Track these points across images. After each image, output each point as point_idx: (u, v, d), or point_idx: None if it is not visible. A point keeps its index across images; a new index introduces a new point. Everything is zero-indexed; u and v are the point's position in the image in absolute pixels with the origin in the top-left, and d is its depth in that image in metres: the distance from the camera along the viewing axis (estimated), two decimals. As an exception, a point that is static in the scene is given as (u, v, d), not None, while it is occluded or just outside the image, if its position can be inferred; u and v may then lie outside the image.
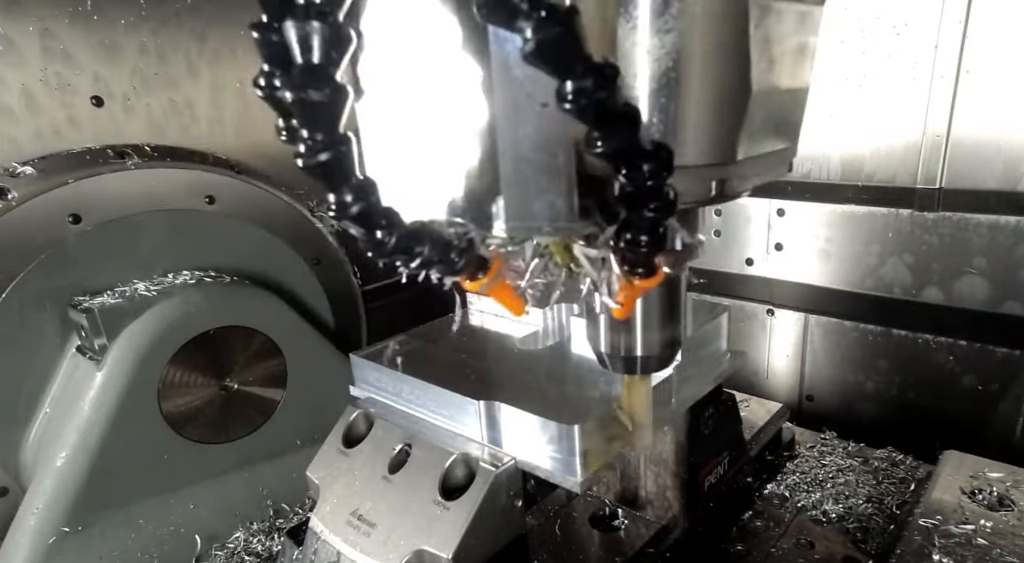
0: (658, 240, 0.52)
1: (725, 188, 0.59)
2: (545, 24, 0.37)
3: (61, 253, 1.17)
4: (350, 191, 0.45)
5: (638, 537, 1.04)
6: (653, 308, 0.69)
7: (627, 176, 0.46)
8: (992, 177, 1.26)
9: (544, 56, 0.39)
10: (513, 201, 0.53)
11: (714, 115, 0.55)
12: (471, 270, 0.56)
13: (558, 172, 0.50)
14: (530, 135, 0.50)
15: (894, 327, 1.46)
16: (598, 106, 0.41)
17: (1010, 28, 1.18)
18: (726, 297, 1.67)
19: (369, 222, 0.46)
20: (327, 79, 0.41)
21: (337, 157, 0.43)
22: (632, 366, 0.73)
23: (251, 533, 1.29)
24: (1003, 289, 1.30)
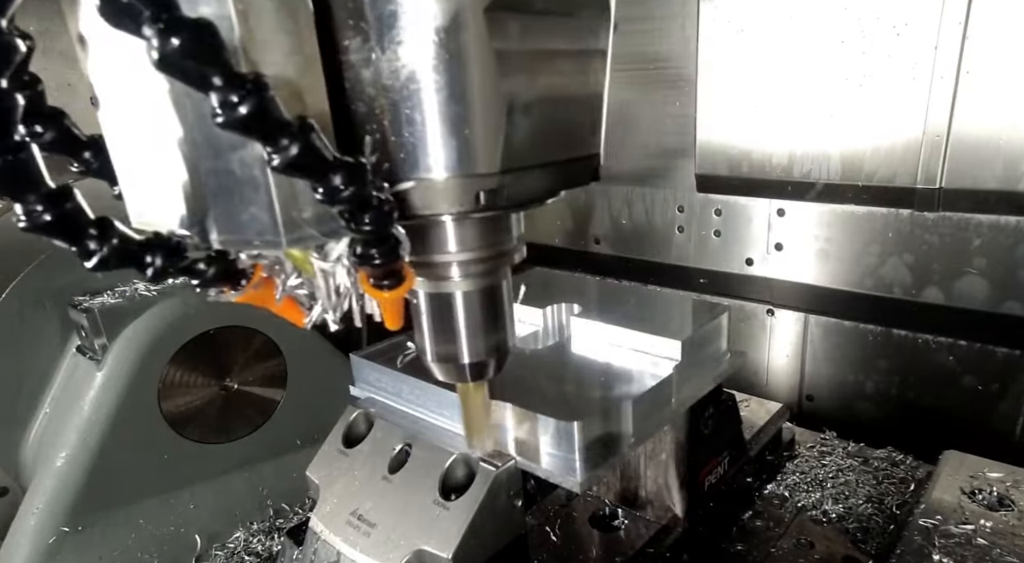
0: (389, 251, 0.52)
1: (497, 198, 0.58)
2: (169, 32, 0.36)
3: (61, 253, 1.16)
4: (39, 200, 0.43)
5: (638, 537, 1.04)
6: (475, 314, 0.68)
7: (319, 191, 0.45)
8: (992, 177, 1.26)
9: (171, 67, 0.37)
10: (221, 214, 0.51)
11: (465, 126, 0.54)
12: (228, 280, 0.55)
13: (256, 185, 0.48)
14: (224, 147, 0.48)
15: (894, 327, 1.45)
16: (253, 118, 0.39)
17: (1010, 28, 1.18)
18: (726, 297, 1.67)
19: (69, 232, 0.45)
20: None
21: (7, 165, 0.41)
22: (461, 373, 0.72)
23: (251, 533, 1.29)
24: (1003, 289, 1.30)
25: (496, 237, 0.66)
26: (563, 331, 1.17)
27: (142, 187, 0.57)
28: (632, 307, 1.17)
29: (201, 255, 0.52)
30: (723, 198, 1.62)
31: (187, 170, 0.51)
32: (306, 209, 0.50)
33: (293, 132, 0.42)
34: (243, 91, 0.39)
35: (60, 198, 0.43)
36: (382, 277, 0.56)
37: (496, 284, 0.69)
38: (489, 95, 0.54)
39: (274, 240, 0.50)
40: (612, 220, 1.86)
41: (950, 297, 1.37)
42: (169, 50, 0.36)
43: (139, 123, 0.54)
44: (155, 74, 0.45)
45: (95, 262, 0.46)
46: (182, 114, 0.48)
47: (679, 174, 1.68)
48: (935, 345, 1.41)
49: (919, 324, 1.42)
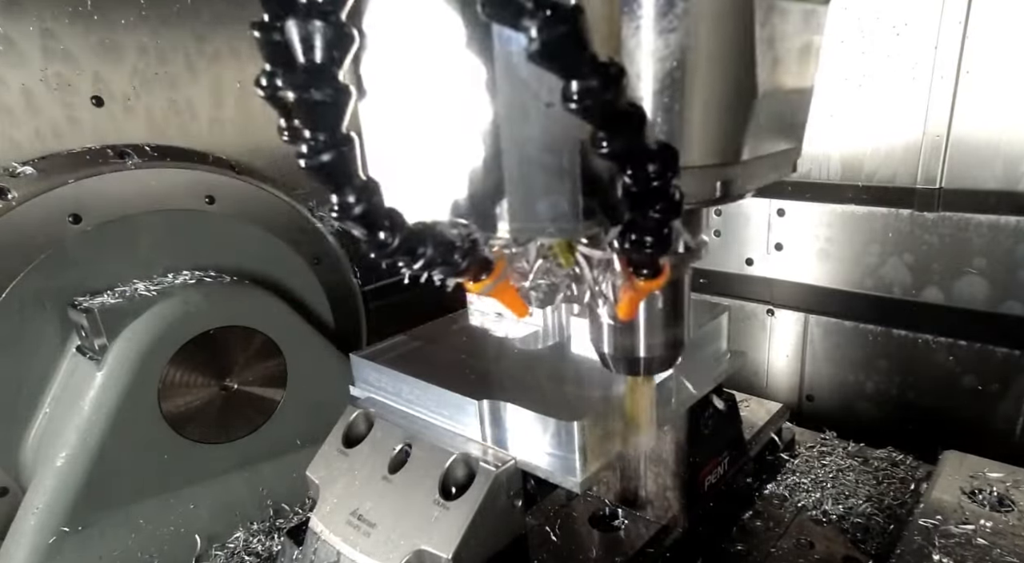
0: (663, 241, 0.51)
1: (730, 189, 0.58)
2: (550, 23, 0.37)
3: (61, 253, 1.16)
4: (353, 192, 0.44)
5: (638, 537, 1.03)
6: (656, 309, 0.69)
7: (632, 177, 0.45)
8: (992, 177, 1.26)
9: (549, 56, 0.38)
10: (517, 202, 0.52)
11: (718, 115, 0.54)
12: (474, 271, 0.55)
13: (562, 173, 0.50)
14: (534, 135, 0.49)
15: (894, 327, 1.46)
16: (603, 106, 0.40)
17: (1010, 28, 1.18)
18: (726, 297, 1.67)
19: (372, 223, 0.46)
20: (329, 79, 0.41)
21: (339, 157, 0.42)
22: (635, 367, 0.72)
23: (251, 533, 1.29)
24: (1003, 289, 1.30)
25: (688, 230, 0.65)
26: (563, 331, 1.17)
27: (407, 179, 0.58)
28: (632, 307, 1.16)
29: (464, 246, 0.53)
30: (723, 198, 1.61)
31: (484, 160, 0.52)
32: (592, 199, 0.51)
33: (629, 121, 0.43)
34: (607, 79, 0.39)
35: (370, 191, 0.45)
36: (643, 266, 0.55)
37: (680, 278, 0.69)
38: (745, 84, 0.54)
39: (572, 226, 0.52)
40: (612, 220, 1.86)
41: (950, 297, 1.37)
42: (553, 38, 0.37)
43: (417, 115, 0.55)
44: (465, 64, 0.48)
45: (387, 252, 0.47)
46: (495, 105, 0.49)
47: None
48: (935, 345, 1.41)
49: (919, 324, 1.42)
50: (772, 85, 0.58)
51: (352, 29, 0.41)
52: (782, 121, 0.64)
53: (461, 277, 0.55)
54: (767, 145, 0.62)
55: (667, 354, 0.72)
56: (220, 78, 1.38)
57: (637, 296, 0.59)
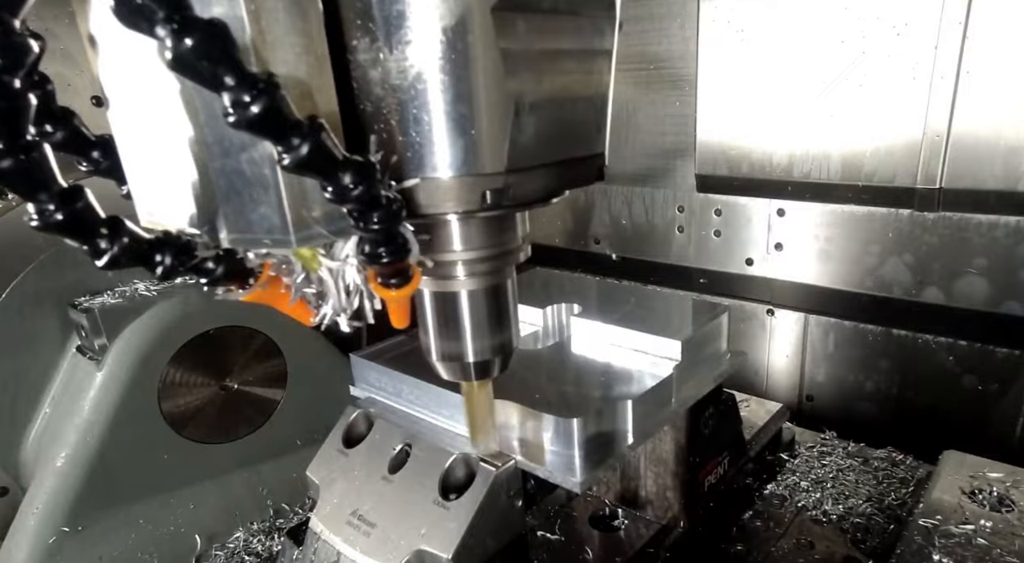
0: (397, 249, 0.52)
1: (503, 197, 0.58)
2: (183, 33, 0.36)
3: (61, 253, 1.17)
4: (50, 199, 0.43)
5: (638, 537, 1.03)
6: (480, 313, 0.69)
7: (330, 190, 0.45)
8: (992, 177, 1.26)
9: (185, 67, 0.38)
10: (231, 213, 0.51)
11: (471, 126, 0.54)
12: (238, 279, 0.55)
13: (266, 184, 0.49)
14: (234, 146, 0.48)
15: (894, 327, 1.45)
16: (265, 117, 0.40)
17: (1010, 28, 1.18)
18: (726, 297, 1.67)
19: (80, 230, 0.45)
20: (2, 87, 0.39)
21: (20, 164, 0.41)
22: (466, 372, 0.72)
23: (251, 533, 1.29)
24: (1003, 289, 1.30)
25: (501, 236, 0.66)
26: (563, 331, 1.17)
27: (151, 186, 0.57)
28: (632, 307, 1.17)
29: (210, 254, 0.53)
30: (723, 198, 1.62)
31: (197, 169, 0.51)
32: (315, 208, 0.50)
33: (304, 131, 0.42)
34: (255, 91, 0.39)
35: (72, 197, 0.44)
36: (390, 276, 0.56)
37: (501, 283, 0.69)
38: (496, 95, 0.54)
39: (284, 239, 0.51)
40: (612, 220, 1.86)
41: (950, 297, 1.37)
42: (183, 50, 0.37)
43: (149, 123, 0.54)
44: (166, 74, 0.45)
45: (106, 261, 0.46)
46: (192, 114, 0.49)
47: (679, 174, 1.68)
48: (935, 345, 1.41)
49: (919, 324, 1.42)
50: (538, 96, 0.58)
51: (26, 39, 0.39)
52: (565, 130, 0.63)
53: (221, 285, 0.55)
54: (547, 153, 0.61)
55: (496, 358, 0.72)
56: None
57: (400, 303, 0.60)
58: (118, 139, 0.58)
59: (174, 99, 0.49)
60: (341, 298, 0.59)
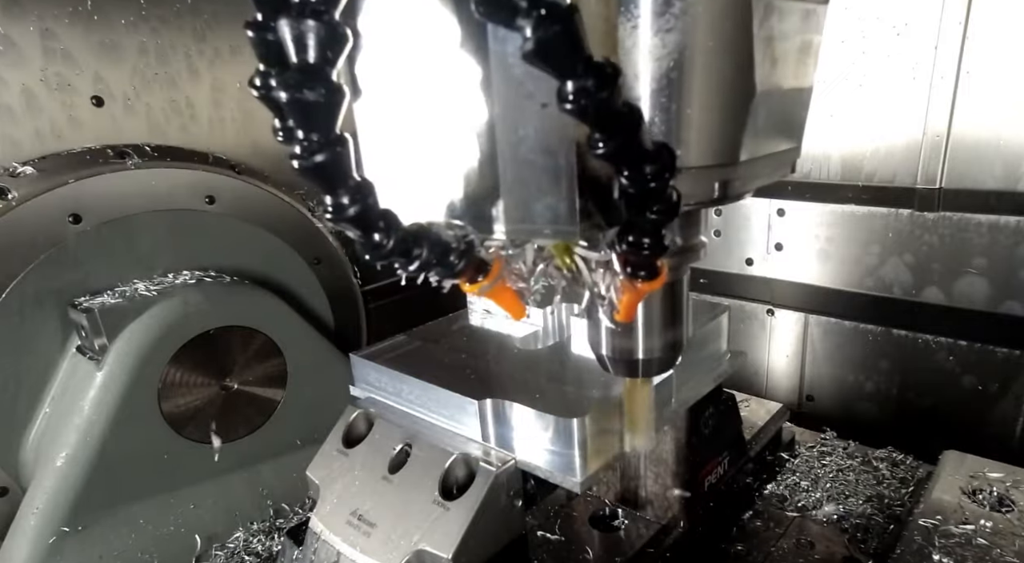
0: (660, 242, 0.51)
1: (728, 189, 0.58)
2: (545, 22, 0.37)
3: (61, 253, 1.17)
4: (347, 193, 0.44)
5: (638, 537, 1.04)
6: (655, 310, 0.68)
7: (629, 178, 0.45)
8: (992, 177, 1.26)
9: (544, 55, 0.38)
10: (513, 203, 0.52)
11: (716, 116, 0.54)
12: (470, 273, 0.55)
13: (559, 174, 0.49)
14: (530, 136, 0.49)
15: (894, 327, 1.45)
16: (599, 107, 0.40)
17: (1010, 28, 1.18)
18: (726, 297, 1.67)
19: (366, 224, 0.46)
20: (322, 79, 0.40)
21: (333, 158, 0.42)
22: (633, 369, 0.72)
23: (251, 533, 1.29)
24: (1003, 289, 1.30)
25: (688, 231, 0.65)
26: (563, 331, 1.17)
27: (402, 179, 0.57)
28: (632, 307, 1.16)
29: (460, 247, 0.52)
30: (723, 198, 1.61)
31: (480, 160, 0.51)
32: (592, 199, 0.51)
33: (624, 121, 0.42)
34: (602, 79, 0.39)
35: (364, 192, 0.44)
36: (641, 268, 0.55)
37: (679, 280, 0.69)
38: (743, 84, 0.54)
39: (569, 229, 0.51)
40: (612, 220, 1.86)
41: (950, 297, 1.37)
42: (546, 38, 0.37)
43: (411, 116, 0.54)
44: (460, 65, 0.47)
45: (382, 254, 0.46)
46: (489, 104, 0.49)
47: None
48: (935, 345, 1.41)
49: (919, 324, 1.42)
50: (770, 85, 0.58)
51: (345, 29, 0.40)
52: (781, 121, 0.63)
53: (457, 278, 0.55)
54: (766, 145, 0.61)
55: (666, 356, 0.71)
56: (220, 78, 1.38)
57: (635, 298, 0.59)
58: (364, 132, 0.58)
59: (466, 90, 0.49)
60: (601, 288, 0.58)
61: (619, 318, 0.61)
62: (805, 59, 0.64)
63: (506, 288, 0.60)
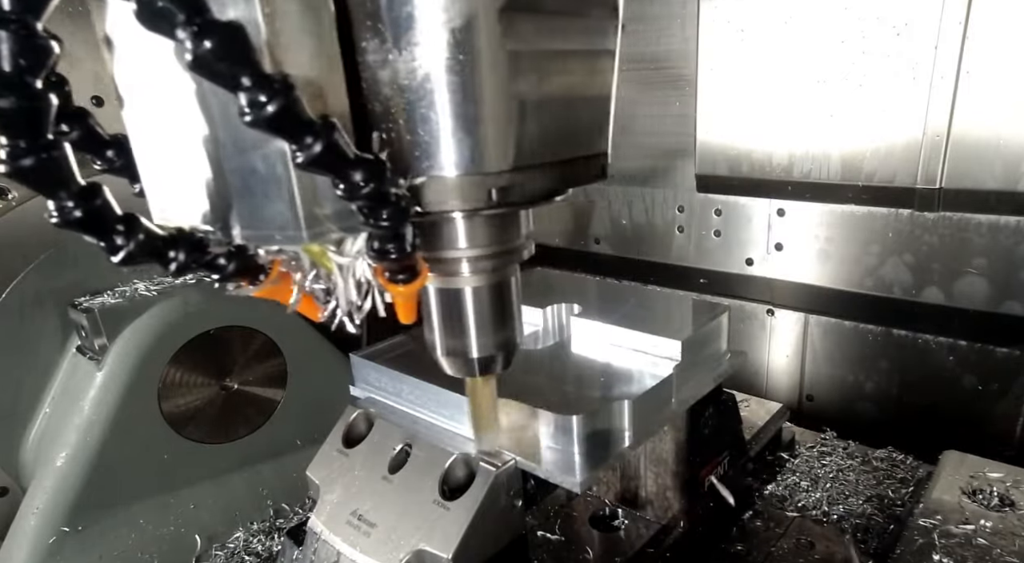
0: (402, 247, 0.53)
1: (508, 195, 0.59)
2: (203, 35, 0.37)
3: (61, 253, 1.17)
4: (69, 196, 0.44)
5: (638, 537, 1.04)
6: (484, 309, 0.69)
7: (341, 187, 0.47)
8: (992, 177, 1.26)
9: (204, 68, 0.39)
10: (244, 210, 0.52)
11: (479, 125, 0.55)
12: (248, 275, 0.56)
13: (279, 181, 0.50)
14: (248, 144, 0.49)
15: (894, 327, 1.45)
16: (280, 117, 0.41)
17: (1010, 28, 1.18)
18: (726, 297, 1.67)
19: (99, 227, 0.46)
20: (20, 87, 0.40)
21: (42, 163, 0.42)
22: (470, 368, 0.73)
23: (251, 533, 1.29)
24: (1003, 289, 1.30)
25: (505, 234, 0.67)
26: (563, 331, 1.17)
27: (165, 184, 0.58)
28: (632, 307, 1.17)
29: (222, 250, 0.54)
30: (723, 198, 1.62)
31: (211, 167, 0.52)
32: (326, 205, 0.51)
33: (317, 131, 0.43)
34: (271, 91, 0.40)
35: (90, 195, 0.45)
36: (398, 272, 0.57)
37: (505, 280, 0.70)
38: (502, 95, 0.55)
39: (295, 235, 0.52)
40: (612, 220, 1.86)
41: (950, 297, 1.37)
42: (202, 52, 0.38)
43: (164, 122, 0.55)
44: (181, 75, 0.47)
45: (122, 257, 0.47)
46: (207, 113, 0.50)
47: (679, 174, 1.68)
48: (935, 345, 1.41)
49: (919, 324, 1.42)
50: (542, 95, 0.59)
51: (47, 40, 0.40)
52: (568, 129, 0.64)
53: (232, 281, 0.56)
54: (551, 152, 0.62)
55: (501, 353, 0.73)
56: (220, 78, 1.38)
57: (408, 299, 0.61)
58: (132, 138, 0.59)
59: (189, 99, 0.50)
60: (351, 294, 0.60)
61: (402, 320, 0.64)
62: (594, 69, 0.65)
63: (290, 289, 0.61)
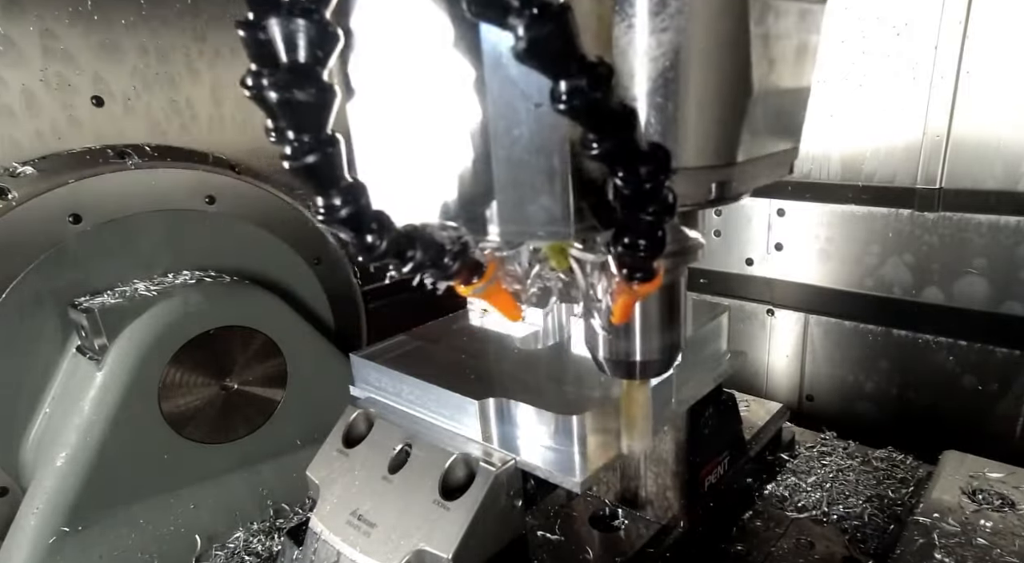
0: (657, 243, 0.50)
1: (725, 190, 0.58)
2: (537, 21, 0.36)
3: (61, 253, 1.17)
4: (338, 194, 0.43)
5: (638, 537, 1.04)
6: (652, 312, 0.67)
7: (624, 179, 0.45)
8: (992, 177, 1.26)
9: (536, 55, 0.38)
10: (507, 204, 0.51)
11: (713, 116, 0.54)
12: (465, 274, 0.55)
13: (553, 174, 0.49)
14: (524, 136, 0.49)
15: (894, 327, 1.45)
16: (593, 106, 0.40)
17: (1010, 28, 1.18)
18: (726, 297, 1.67)
19: (358, 225, 0.45)
20: (313, 79, 0.40)
21: (324, 159, 0.42)
22: (631, 371, 0.71)
23: (251, 533, 1.29)
24: (1003, 289, 1.30)
25: (682, 232, 0.64)
26: (563, 331, 1.17)
27: (396, 180, 0.57)
28: (632, 307, 1.16)
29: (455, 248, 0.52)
30: (723, 198, 1.61)
31: (474, 160, 0.51)
32: (587, 199, 0.50)
33: (619, 122, 0.42)
34: (595, 79, 0.39)
35: (356, 193, 0.44)
36: (638, 270, 0.54)
37: (676, 281, 0.68)
38: (741, 84, 0.54)
39: (563, 230, 0.51)
40: (612, 220, 1.86)
41: (950, 297, 1.37)
42: (540, 37, 0.37)
43: (405, 117, 0.54)
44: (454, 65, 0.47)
45: (375, 255, 0.46)
46: (483, 104, 0.49)
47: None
48: (935, 345, 1.41)
49: (919, 324, 1.42)
50: (768, 85, 0.57)
51: (336, 28, 0.40)
52: (779, 121, 0.63)
53: (451, 280, 0.54)
54: (764, 146, 0.61)
55: (663, 358, 0.70)
56: (220, 78, 1.38)
57: (631, 300, 0.58)
58: (357, 133, 0.58)
59: (459, 90, 0.49)
60: (597, 291, 0.58)
61: (614, 320, 0.60)
62: (803, 59, 0.64)
63: (501, 290, 0.59)
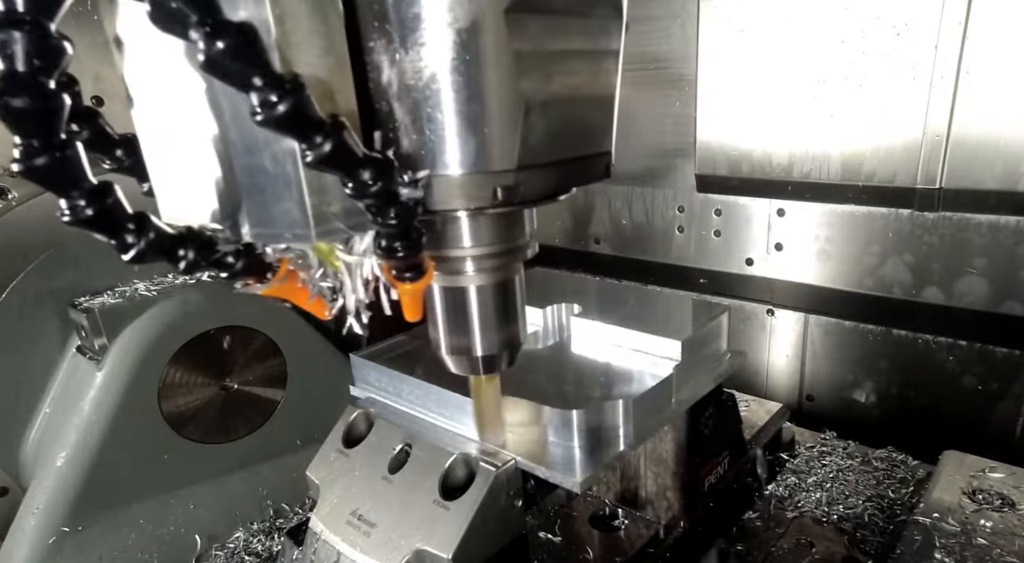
0: (413, 245, 0.53)
1: (512, 193, 0.59)
2: (215, 36, 0.38)
3: (61, 253, 1.17)
4: (81, 195, 0.44)
5: (638, 537, 1.03)
6: (489, 308, 0.70)
7: (350, 186, 0.47)
8: (992, 177, 1.26)
9: (218, 67, 0.39)
10: (253, 208, 0.53)
11: (485, 125, 0.55)
12: (255, 273, 0.57)
13: (288, 181, 0.50)
14: (258, 143, 0.50)
15: (894, 327, 1.45)
16: (291, 116, 0.41)
17: (1010, 28, 1.18)
18: (726, 297, 1.67)
19: (109, 226, 0.46)
20: (33, 87, 0.40)
21: (55, 163, 0.42)
22: (474, 366, 0.74)
23: (251, 533, 1.29)
24: (1003, 289, 1.30)
25: (509, 233, 0.67)
26: (563, 331, 1.17)
27: (175, 183, 0.59)
28: (632, 307, 1.17)
29: (231, 249, 0.54)
30: (723, 198, 1.61)
31: (220, 166, 0.52)
32: (334, 204, 0.52)
33: (327, 130, 0.44)
34: (282, 91, 0.41)
35: (102, 194, 0.45)
36: (405, 270, 0.58)
37: (509, 279, 0.70)
38: (507, 94, 0.56)
39: (304, 233, 0.52)
40: (612, 220, 1.86)
41: (950, 297, 1.37)
42: (215, 52, 0.39)
43: (173, 122, 0.55)
44: (191, 75, 0.48)
45: (132, 254, 0.47)
46: (218, 113, 0.50)
47: (679, 174, 1.68)
48: (935, 345, 1.41)
49: (919, 324, 1.42)
50: (547, 95, 0.59)
51: (60, 41, 0.41)
52: (573, 128, 0.64)
53: (240, 279, 0.56)
54: (556, 151, 0.62)
55: (503, 352, 0.74)
56: (220, 78, 1.38)
57: (414, 296, 0.62)
58: (142, 138, 0.60)
59: (200, 99, 0.50)
60: (359, 292, 0.61)
61: (407, 318, 0.65)
62: (598, 69, 0.66)
63: (297, 288, 0.61)
